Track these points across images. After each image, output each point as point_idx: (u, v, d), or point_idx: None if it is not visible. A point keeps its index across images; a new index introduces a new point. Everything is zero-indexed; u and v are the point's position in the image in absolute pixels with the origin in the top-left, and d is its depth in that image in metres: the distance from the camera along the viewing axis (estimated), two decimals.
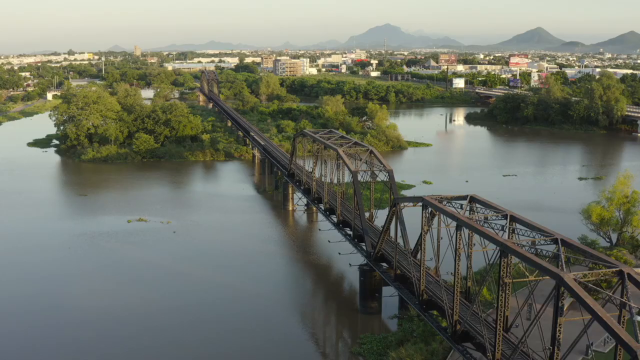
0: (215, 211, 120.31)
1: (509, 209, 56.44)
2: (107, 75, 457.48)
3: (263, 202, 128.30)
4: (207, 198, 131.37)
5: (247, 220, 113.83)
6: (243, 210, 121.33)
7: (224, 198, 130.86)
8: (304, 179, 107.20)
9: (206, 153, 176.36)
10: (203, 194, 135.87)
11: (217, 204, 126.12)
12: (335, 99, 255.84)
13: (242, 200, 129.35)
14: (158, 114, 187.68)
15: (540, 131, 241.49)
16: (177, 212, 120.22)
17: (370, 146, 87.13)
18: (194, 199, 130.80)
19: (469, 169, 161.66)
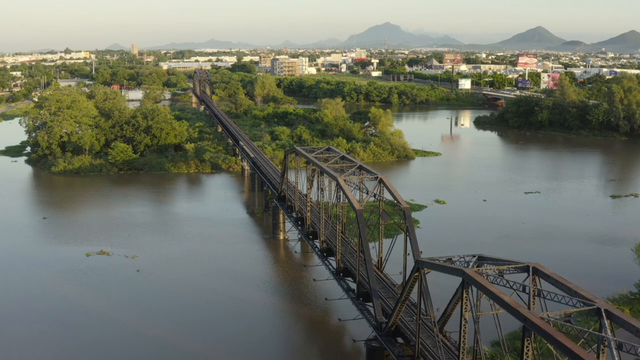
0: (193, 240, 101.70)
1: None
2: (97, 75, 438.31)
3: (250, 228, 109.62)
4: (184, 222, 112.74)
5: (228, 254, 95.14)
6: (225, 239, 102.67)
7: (204, 222, 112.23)
8: (297, 205, 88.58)
9: (190, 164, 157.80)
10: (181, 216, 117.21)
11: (195, 230, 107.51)
12: (335, 101, 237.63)
13: (226, 224, 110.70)
14: (138, 120, 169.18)
15: (556, 137, 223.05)
16: (147, 241, 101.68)
17: (379, 173, 68.49)
18: (169, 224, 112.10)
19: (484, 184, 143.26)
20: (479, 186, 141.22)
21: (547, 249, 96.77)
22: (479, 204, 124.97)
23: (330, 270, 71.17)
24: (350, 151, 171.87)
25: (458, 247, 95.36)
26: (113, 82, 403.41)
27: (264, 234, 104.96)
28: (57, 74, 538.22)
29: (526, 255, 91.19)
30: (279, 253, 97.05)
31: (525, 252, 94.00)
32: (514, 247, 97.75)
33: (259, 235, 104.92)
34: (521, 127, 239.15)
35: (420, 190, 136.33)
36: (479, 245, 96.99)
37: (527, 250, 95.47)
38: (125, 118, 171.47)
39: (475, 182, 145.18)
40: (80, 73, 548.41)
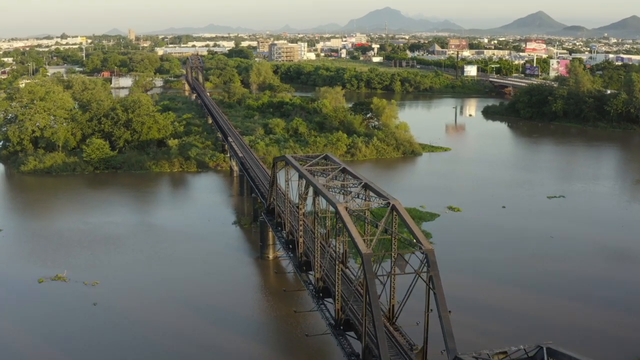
0: (166, 262, 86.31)
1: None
2: (87, 62, 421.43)
3: (235, 244, 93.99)
4: (159, 236, 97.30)
5: (205, 281, 79.59)
6: (205, 259, 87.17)
7: (182, 236, 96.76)
8: (287, 223, 72.90)
9: (173, 163, 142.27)
10: (156, 229, 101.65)
11: (171, 247, 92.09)
12: (335, 90, 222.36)
13: (207, 239, 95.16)
14: (118, 112, 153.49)
15: (570, 129, 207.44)
16: (113, 262, 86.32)
17: (392, 198, 53.10)
18: (141, 239, 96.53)
19: (501, 186, 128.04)
20: (495, 188, 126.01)
21: (591, 273, 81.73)
22: (498, 212, 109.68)
23: (328, 322, 55.50)
24: (351, 147, 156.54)
25: (482, 274, 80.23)
26: (104, 69, 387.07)
27: (251, 252, 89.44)
28: (50, 60, 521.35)
29: (570, 287, 76.52)
30: (267, 280, 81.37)
31: (566, 280, 79.11)
32: (549, 272, 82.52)
33: (245, 254, 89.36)
34: (533, 117, 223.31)
35: (430, 193, 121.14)
36: (508, 270, 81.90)
37: (566, 275, 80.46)
38: (104, 110, 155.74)
39: (490, 184, 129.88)
40: (73, 59, 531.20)
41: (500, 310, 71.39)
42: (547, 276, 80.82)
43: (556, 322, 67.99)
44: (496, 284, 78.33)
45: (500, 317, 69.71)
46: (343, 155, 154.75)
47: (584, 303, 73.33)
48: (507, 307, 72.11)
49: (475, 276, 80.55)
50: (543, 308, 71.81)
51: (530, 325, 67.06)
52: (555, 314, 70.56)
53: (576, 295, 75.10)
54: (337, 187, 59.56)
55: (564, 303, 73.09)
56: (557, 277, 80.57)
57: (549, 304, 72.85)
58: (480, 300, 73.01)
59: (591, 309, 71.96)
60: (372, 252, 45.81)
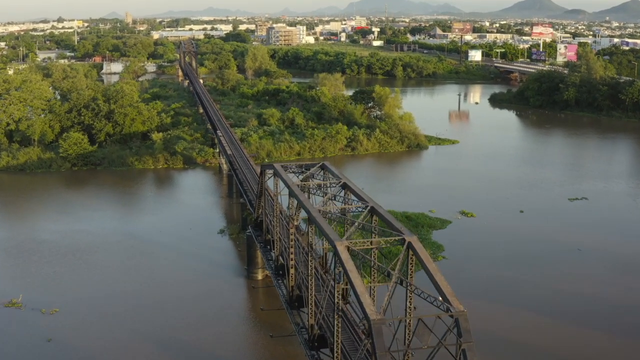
0: (136, 282, 74.73)
1: None
2: (79, 46, 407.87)
3: (219, 258, 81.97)
4: (133, 249, 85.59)
5: (178, 310, 67.84)
6: (181, 278, 75.47)
7: (159, 248, 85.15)
8: (278, 244, 61.12)
9: (158, 158, 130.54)
10: (131, 239, 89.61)
11: (145, 263, 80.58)
12: (334, 77, 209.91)
13: (187, 252, 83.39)
14: (99, 103, 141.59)
15: (582, 118, 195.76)
16: (77, 283, 74.82)
17: (408, 232, 41.43)
18: (112, 252, 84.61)
19: (516, 185, 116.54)
20: (510, 188, 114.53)
21: (635, 300, 70.27)
22: (515, 217, 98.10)
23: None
24: (351, 140, 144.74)
25: (503, 298, 68.72)
26: (95, 54, 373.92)
27: (237, 270, 77.71)
28: (43, 44, 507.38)
29: (609, 318, 62.54)
30: (254, 307, 69.61)
31: (603, 307, 67.70)
32: (581, 296, 71.00)
33: (229, 272, 77.59)
34: (543, 106, 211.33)
35: (439, 194, 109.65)
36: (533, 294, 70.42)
37: (602, 301, 69.05)
38: (85, 101, 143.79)
39: (504, 182, 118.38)
40: (66, 44, 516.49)
41: (524, 347, 59.99)
42: (579, 302, 69.37)
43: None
44: (519, 313, 66.86)
45: (525, 356, 58.46)
46: (343, 149, 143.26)
47: (628, 337, 61.92)
48: (533, 342, 60.74)
49: (495, 301, 69.13)
50: (577, 344, 60.53)
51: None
52: (593, 353, 59.31)
53: (617, 328, 63.62)
54: (337, 212, 47.87)
55: (602, 338, 61.74)
56: (592, 303, 69.11)
57: (584, 339, 61.58)
58: (501, 335, 61.61)
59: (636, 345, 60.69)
60: (384, 319, 34.11)
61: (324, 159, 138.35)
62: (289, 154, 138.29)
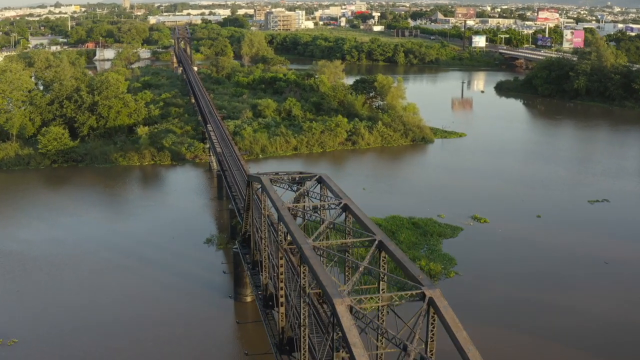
0: (107, 304, 65.78)
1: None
2: (72, 32, 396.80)
3: (203, 275, 72.63)
4: (108, 262, 76.50)
5: (158, 344, 59.04)
6: (155, 300, 66.56)
7: (135, 261, 76.03)
8: (266, 273, 51.92)
9: (144, 154, 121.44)
10: (106, 250, 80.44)
11: (116, 282, 71.50)
12: (334, 65, 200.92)
13: (167, 266, 74.22)
14: (82, 94, 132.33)
15: (593, 108, 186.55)
16: (42, 304, 65.89)
17: (430, 285, 32.26)
18: (86, 265, 75.75)
19: (530, 184, 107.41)
20: (524, 188, 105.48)
21: None
22: (533, 224, 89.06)
23: None
24: (352, 133, 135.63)
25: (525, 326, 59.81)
26: (89, 40, 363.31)
27: (223, 289, 68.59)
28: (38, 30, 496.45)
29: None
30: (241, 337, 60.70)
31: None
32: (616, 325, 62.04)
33: (213, 292, 68.37)
34: (552, 95, 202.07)
35: (448, 196, 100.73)
36: (561, 321, 61.53)
37: None
38: (67, 92, 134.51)
39: (517, 181, 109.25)
40: (60, 29, 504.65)
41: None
42: (610, 331, 60.59)
43: None
44: (541, 344, 58.07)
45: None
46: (343, 144, 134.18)
47: None
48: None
49: (514, 329, 60.39)
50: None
51: None
52: None
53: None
54: (337, 248, 38.92)
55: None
56: (626, 331, 60.29)
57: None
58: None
59: None
60: None
61: (322, 154, 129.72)
62: (285, 149, 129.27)
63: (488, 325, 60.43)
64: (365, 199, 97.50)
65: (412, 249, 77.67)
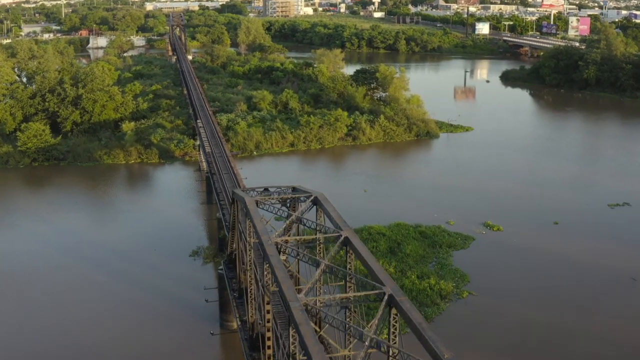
0: (72, 332, 58.16)
1: None
2: (65, 19, 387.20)
3: (185, 296, 64.46)
4: (82, 277, 68.99)
5: None
6: (131, 329, 59.01)
7: (113, 278, 68.45)
8: (251, 308, 44.10)
9: (130, 152, 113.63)
10: (81, 260, 72.93)
11: (89, 300, 63.91)
12: (333, 53, 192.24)
13: (148, 286, 66.52)
14: (66, 87, 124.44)
15: (603, 99, 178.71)
16: None
17: (446, 352, 24.69)
18: (52, 282, 68.09)
19: (544, 186, 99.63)
20: (538, 189, 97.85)
21: None
22: (550, 231, 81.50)
23: None
24: (352, 128, 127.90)
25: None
26: (82, 27, 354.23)
27: (207, 314, 60.62)
28: (33, 17, 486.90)
29: None
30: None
31: None
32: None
33: (196, 318, 60.58)
34: (560, 85, 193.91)
35: (456, 199, 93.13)
36: (593, 349, 54.03)
37: None
38: (50, 85, 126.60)
39: (530, 182, 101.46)
40: (55, 16, 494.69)
41: None
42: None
43: None
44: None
45: None
46: (343, 139, 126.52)
47: None
48: None
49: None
50: None
51: None
52: None
53: None
54: (338, 302, 31.35)
55: None
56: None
57: None
58: None
59: None
60: None
61: (321, 151, 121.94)
62: (280, 145, 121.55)
63: (506, 356, 53.12)
64: (367, 202, 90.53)
65: (419, 263, 70.15)
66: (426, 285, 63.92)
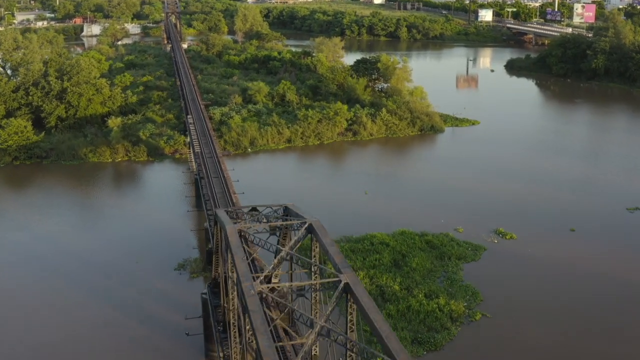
0: None
1: None
2: (59, 7, 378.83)
3: (170, 318, 58.26)
4: (55, 292, 62.78)
5: None
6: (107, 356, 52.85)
7: (87, 296, 62.19)
8: (235, 346, 37.91)
9: (116, 149, 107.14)
10: (53, 274, 66.63)
11: (56, 323, 57.72)
12: (333, 42, 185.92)
13: (125, 307, 60.23)
14: (50, 80, 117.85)
15: (612, 90, 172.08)
16: None
17: None
18: (16, 303, 61.88)
19: (557, 186, 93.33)
20: (551, 191, 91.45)
21: None
22: (566, 239, 75.24)
23: None
24: (353, 122, 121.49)
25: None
26: (77, 15, 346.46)
27: (192, 341, 54.47)
28: (28, 4, 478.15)
29: None
30: None
31: None
32: None
33: (181, 349, 54.34)
34: (567, 75, 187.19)
35: (464, 202, 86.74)
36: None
37: None
38: (34, 77, 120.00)
39: (542, 182, 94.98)
40: (50, 3, 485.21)
41: None
42: None
43: None
44: None
45: None
46: (342, 134, 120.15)
47: None
48: None
49: None
50: None
51: None
52: None
53: None
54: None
55: None
56: None
57: None
58: None
59: None
60: None
61: (319, 147, 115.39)
62: (277, 141, 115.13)
63: None
64: (369, 206, 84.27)
65: (427, 279, 63.91)
66: (435, 306, 57.70)
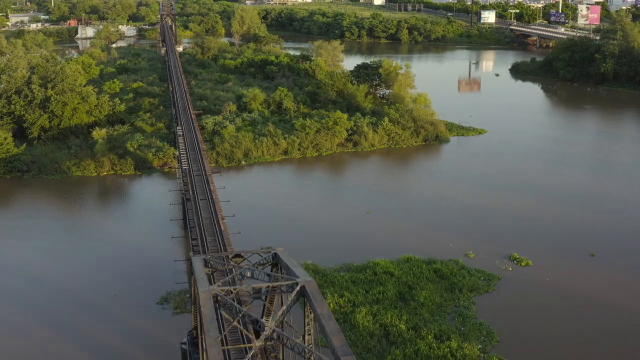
0: None
1: None
2: (54, 8, 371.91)
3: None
4: (18, 333, 56.30)
5: None
6: None
7: (55, 338, 55.65)
8: None
9: (102, 162, 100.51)
10: (17, 310, 60.10)
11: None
12: (332, 45, 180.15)
13: (101, 349, 53.93)
14: (33, 87, 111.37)
15: (620, 95, 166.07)
16: None
17: None
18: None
19: (572, 203, 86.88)
20: (566, 208, 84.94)
21: None
22: (587, 266, 68.77)
23: None
24: (353, 132, 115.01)
25: None
26: (71, 17, 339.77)
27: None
28: (24, 6, 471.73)
29: None
30: None
31: None
32: None
33: None
34: (575, 79, 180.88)
35: (474, 223, 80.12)
36: None
37: None
38: (17, 85, 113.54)
39: (555, 198, 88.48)
40: (46, 5, 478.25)
41: None
42: None
43: None
44: None
45: None
46: (342, 145, 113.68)
47: None
48: None
49: None
50: None
51: None
52: None
53: None
54: None
55: None
56: None
57: None
58: None
59: None
60: None
61: (317, 159, 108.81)
62: (273, 153, 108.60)
63: None
64: (371, 228, 77.83)
65: (436, 315, 57.40)
66: (446, 350, 51.25)
